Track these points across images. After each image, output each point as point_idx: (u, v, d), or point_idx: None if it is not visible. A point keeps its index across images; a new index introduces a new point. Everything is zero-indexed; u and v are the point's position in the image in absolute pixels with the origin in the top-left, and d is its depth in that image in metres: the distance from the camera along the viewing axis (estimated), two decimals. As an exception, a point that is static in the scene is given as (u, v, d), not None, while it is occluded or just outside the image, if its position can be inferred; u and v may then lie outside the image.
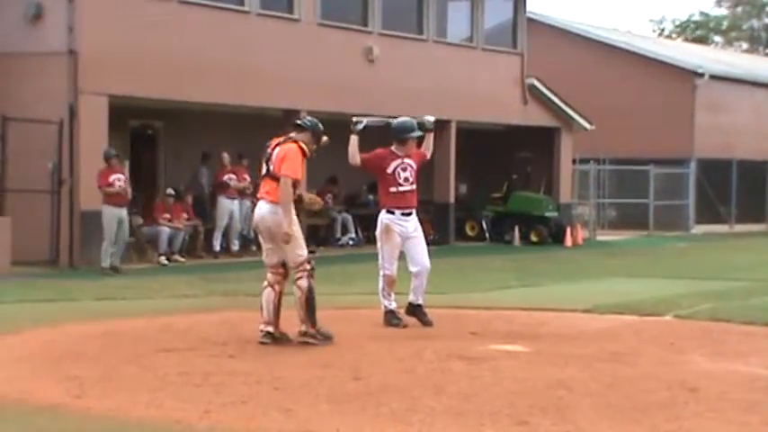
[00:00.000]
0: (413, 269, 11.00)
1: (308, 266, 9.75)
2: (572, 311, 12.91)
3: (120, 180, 17.64)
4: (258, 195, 10.06)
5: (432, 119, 11.37)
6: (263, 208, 9.84)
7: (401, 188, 10.88)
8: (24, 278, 16.19)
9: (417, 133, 11.10)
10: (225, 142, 21.57)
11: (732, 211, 35.60)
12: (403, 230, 10.86)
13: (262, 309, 9.88)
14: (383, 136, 11.23)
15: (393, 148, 11.09)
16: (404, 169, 10.95)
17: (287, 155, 9.69)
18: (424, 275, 10.98)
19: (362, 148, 11.16)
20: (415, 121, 11.18)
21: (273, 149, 9.95)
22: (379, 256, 10.99)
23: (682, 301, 13.84)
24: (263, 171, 9.97)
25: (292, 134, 10.04)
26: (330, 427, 6.75)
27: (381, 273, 10.91)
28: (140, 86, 19.10)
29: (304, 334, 9.78)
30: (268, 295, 9.86)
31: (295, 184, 9.67)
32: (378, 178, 11.22)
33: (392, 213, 10.86)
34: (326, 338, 9.79)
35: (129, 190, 17.82)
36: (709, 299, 14.10)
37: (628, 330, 11.38)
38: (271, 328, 9.80)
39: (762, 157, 36.42)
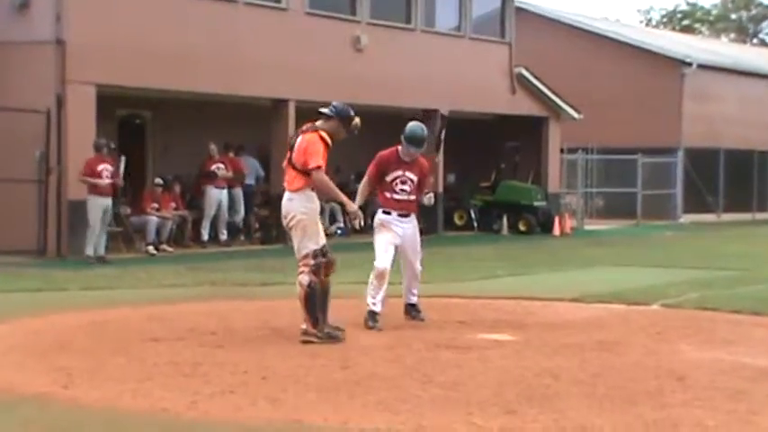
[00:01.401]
0: (403, 271, 10.85)
1: (312, 262, 9.40)
2: (560, 300, 12.93)
3: (107, 170, 17.62)
4: (287, 187, 9.64)
5: (431, 199, 11.01)
6: (284, 198, 9.60)
7: (396, 196, 10.64)
8: (11, 268, 16.14)
9: (422, 149, 10.74)
10: (213, 132, 21.54)
11: (719, 200, 35.70)
12: (399, 231, 10.61)
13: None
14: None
15: (400, 150, 10.75)
16: (403, 182, 10.68)
17: (308, 147, 9.41)
18: (414, 280, 10.84)
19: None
20: (425, 131, 10.81)
21: (297, 137, 9.67)
22: (375, 249, 10.67)
23: (669, 290, 13.88)
24: (286, 159, 9.69)
25: (318, 122, 9.72)
26: (318, 417, 6.75)
27: (374, 267, 10.62)
28: (128, 76, 19.05)
29: (304, 333, 9.42)
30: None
31: (320, 168, 9.36)
32: (379, 182, 10.90)
33: (388, 214, 10.71)
34: (331, 338, 9.38)
35: (120, 182, 17.85)
36: (697, 288, 14.14)
37: (615, 319, 11.41)
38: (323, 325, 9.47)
39: (748, 147, 36.53)
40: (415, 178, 10.73)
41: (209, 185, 21.24)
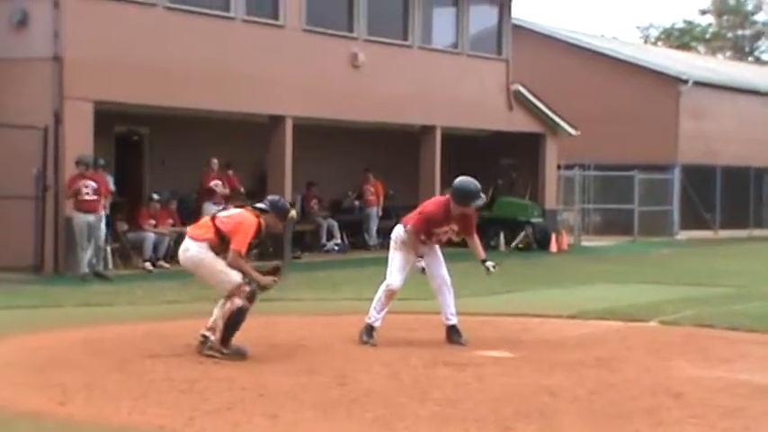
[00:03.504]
0: (432, 284, 10.70)
1: (248, 289, 9.46)
2: (557, 317, 12.93)
3: (87, 187, 17.58)
4: (189, 232, 9.78)
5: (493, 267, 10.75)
6: (183, 246, 9.70)
7: (429, 242, 10.51)
8: (8, 284, 16.11)
9: (480, 201, 10.48)
10: (211, 148, 21.54)
11: (716, 217, 35.73)
12: (421, 252, 10.48)
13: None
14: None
15: (451, 206, 10.45)
16: (445, 232, 10.56)
17: (242, 226, 9.52)
18: (445, 289, 10.62)
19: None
20: (478, 184, 10.52)
21: (234, 206, 10.01)
22: (389, 265, 10.55)
23: (666, 306, 13.88)
24: (210, 215, 9.89)
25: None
26: (315, 434, 6.75)
27: (385, 283, 10.49)
28: (126, 92, 19.06)
29: (210, 347, 9.43)
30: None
31: (240, 254, 9.46)
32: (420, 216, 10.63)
33: None
34: (238, 354, 9.42)
35: (102, 200, 17.76)
36: (694, 305, 14.14)
37: (612, 336, 11.41)
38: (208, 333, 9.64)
39: (746, 164, 36.57)
40: (457, 228, 10.62)
41: (207, 202, 21.24)
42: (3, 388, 8.12)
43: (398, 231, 10.63)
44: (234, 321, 9.46)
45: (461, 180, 10.58)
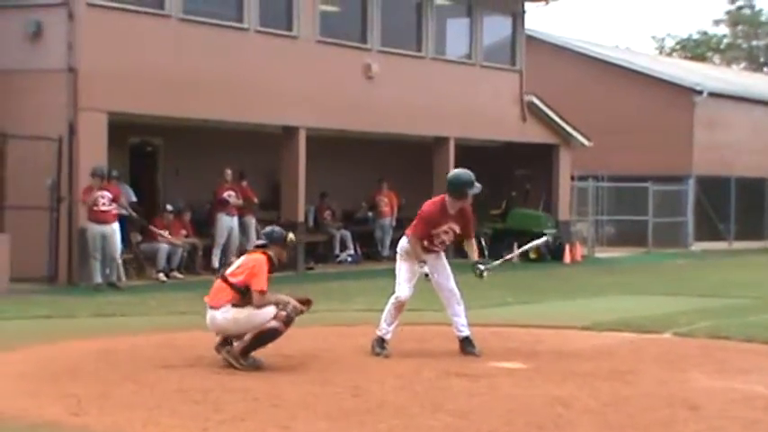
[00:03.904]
0: (440, 297, 10.63)
1: (284, 313, 9.51)
2: (570, 329, 12.89)
3: (102, 198, 17.62)
4: (209, 302, 9.76)
5: (485, 269, 10.61)
6: (209, 316, 9.69)
7: (431, 246, 10.47)
8: (23, 295, 16.16)
9: (476, 189, 10.45)
10: (225, 159, 21.57)
11: (731, 228, 35.61)
12: (423, 258, 10.40)
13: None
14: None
15: (447, 202, 10.47)
16: (446, 233, 10.46)
17: (255, 267, 9.59)
18: (454, 302, 10.54)
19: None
20: (472, 174, 10.51)
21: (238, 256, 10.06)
22: (396, 276, 10.51)
23: (681, 318, 13.83)
24: (219, 277, 9.91)
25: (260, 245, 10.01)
26: (328, 445, 6.74)
27: (394, 296, 10.44)
28: (140, 103, 19.12)
29: (234, 356, 9.48)
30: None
31: (263, 293, 9.54)
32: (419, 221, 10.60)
33: None
34: (255, 366, 9.47)
35: (114, 210, 17.77)
36: (709, 316, 14.08)
37: (626, 348, 11.37)
38: None
39: (760, 174, 36.46)
40: (457, 228, 10.52)
41: (220, 213, 21.27)
42: (18, 398, 8.13)
43: (403, 242, 10.63)
44: (263, 339, 9.50)
45: (453, 172, 10.67)
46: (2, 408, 7.73)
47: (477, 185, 10.46)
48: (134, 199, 20.72)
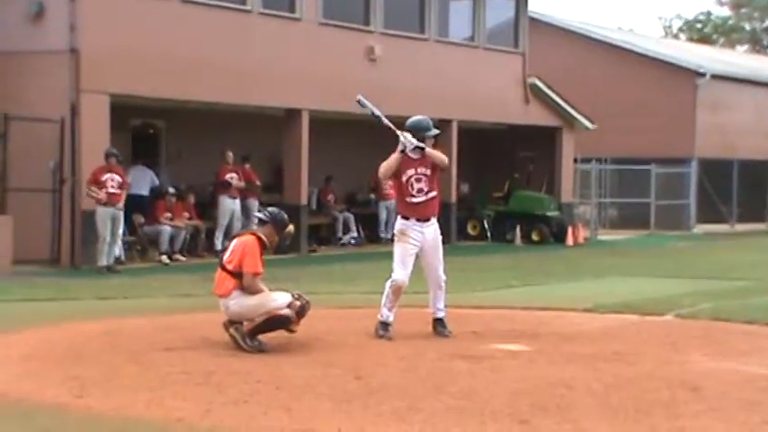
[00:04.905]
0: (427, 279, 10.70)
1: (299, 303, 9.59)
2: (573, 311, 12.91)
3: (112, 180, 17.66)
4: (217, 293, 9.82)
5: (413, 143, 10.60)
6: (222, 305, 9.74)
7: (414, 199, 10.51)
8: (26, 277, 16.19)
9: (433, 132, 10.70)
10: (227, 141, 21.57)
11: (733, 210, 35.61)
12: (419, 236, 10.44)
13: None
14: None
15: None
16: (417, 180, 10.54)
17: (245, 249, 9.60)
18: (436, 287, 10.59)
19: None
20: (429, 119, 10.82)
21: (231, 241, 10.05)
22: (393, 260, 10.54)
23: (683, 300, 13.84)
24: (218, 266, 9.90)
25: (253, 227, 9.99)
26: (332, 427, 6.76)
27: (391, 278, 10.47)
28: (142, 85, 19.11)
29: (241, 335, 9.49)
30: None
31: (255, 275, 9.57)
32: (394, 183, 10.91)
33: (407, 219, 10.52)
34: (260, 349, 9.45)
35: (123, 193, 17.85)
36: (710, 298, 14.09)
37: (629, 330, 11.39)
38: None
39: (763, 157, 36.41)
40: (428, 172, 10.63)
41: (222, 195, 21.28)
42: (21, 380, 8.16)
43: (398, 224, 10.67)
44: (272, 323, 9.52)
45: (413, 118, 10.87)
46: (5, 390, 7.76)
47: (434, 130, 10.76)
48: (157, 183, 20.82)
